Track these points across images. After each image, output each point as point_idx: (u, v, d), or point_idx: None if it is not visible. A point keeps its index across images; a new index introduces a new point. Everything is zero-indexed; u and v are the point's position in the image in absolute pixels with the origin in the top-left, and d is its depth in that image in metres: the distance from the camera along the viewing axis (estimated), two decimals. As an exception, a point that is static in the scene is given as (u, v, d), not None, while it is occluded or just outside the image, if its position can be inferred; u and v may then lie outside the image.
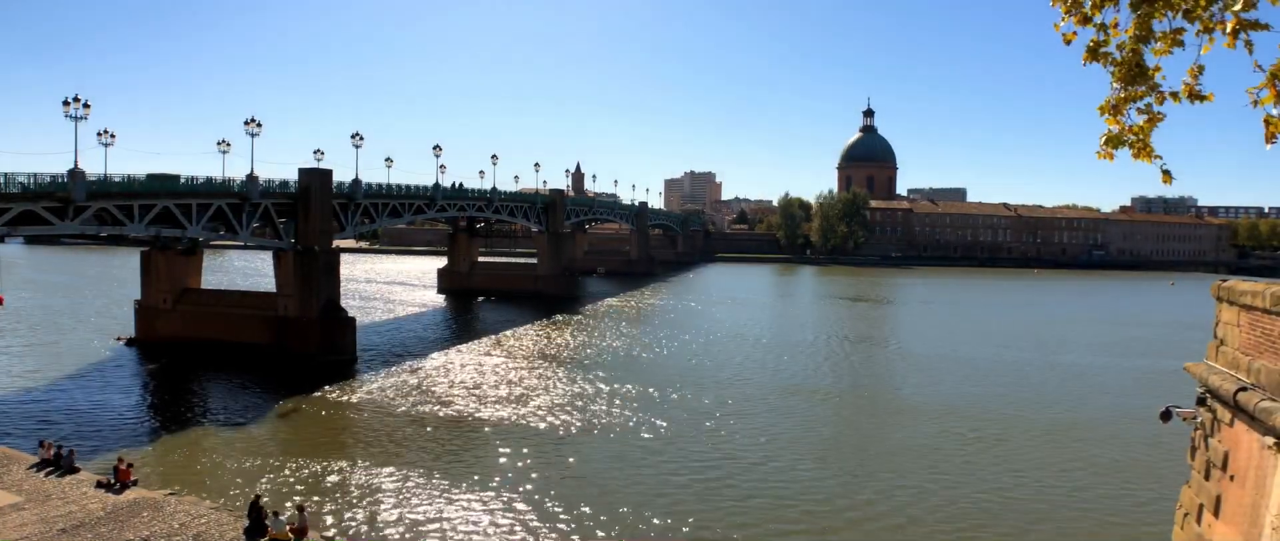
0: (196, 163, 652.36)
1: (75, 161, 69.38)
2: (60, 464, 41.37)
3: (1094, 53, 9.27)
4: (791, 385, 77.68)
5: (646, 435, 58.66)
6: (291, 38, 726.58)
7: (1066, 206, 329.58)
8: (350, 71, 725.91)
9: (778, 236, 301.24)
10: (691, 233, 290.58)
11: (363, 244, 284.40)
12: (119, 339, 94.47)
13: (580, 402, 68.03)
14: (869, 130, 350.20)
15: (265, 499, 37.25)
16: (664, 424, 61.40)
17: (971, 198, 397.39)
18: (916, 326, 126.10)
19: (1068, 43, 9.34)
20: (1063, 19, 9.34)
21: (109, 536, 33.45)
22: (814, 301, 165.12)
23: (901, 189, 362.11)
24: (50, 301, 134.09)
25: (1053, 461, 54.05)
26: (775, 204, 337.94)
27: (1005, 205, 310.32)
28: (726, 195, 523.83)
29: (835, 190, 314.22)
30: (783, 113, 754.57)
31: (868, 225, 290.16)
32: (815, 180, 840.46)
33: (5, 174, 65.13)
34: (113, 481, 39.21)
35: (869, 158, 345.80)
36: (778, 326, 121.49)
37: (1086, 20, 9.25)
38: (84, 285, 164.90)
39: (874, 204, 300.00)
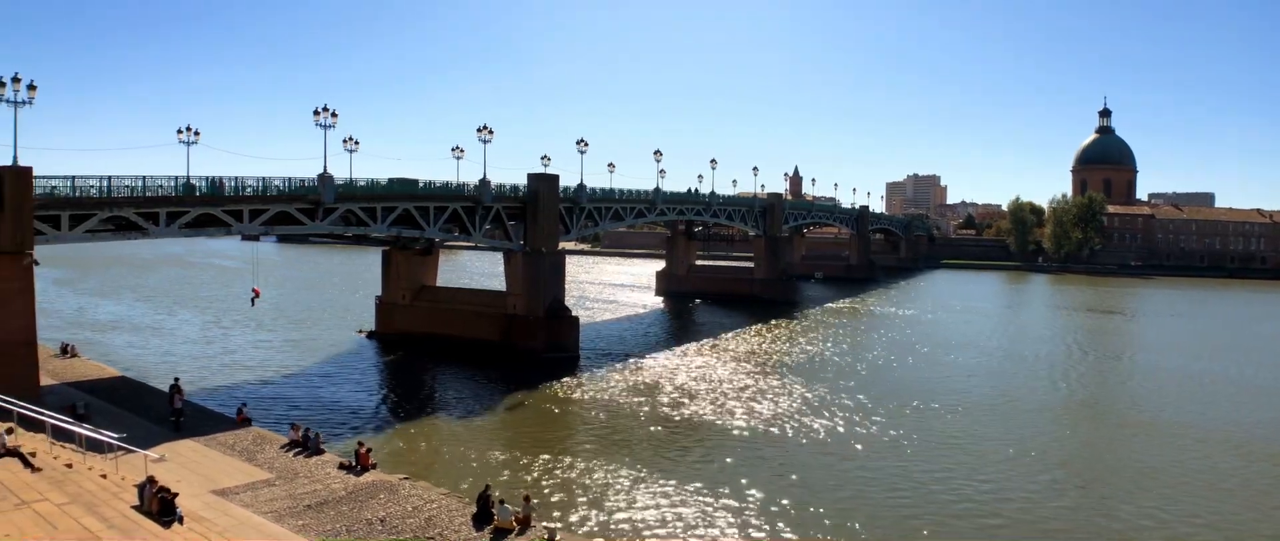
0: (432, 167, 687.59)
1: (324, 166, 74.31)
2: (308, 445, 44.05)
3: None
4: (1038, 402, 73.15)
5: (876, 447, 56.54)
6: (522, 44, 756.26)
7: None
8: (576, 74, 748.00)
9: (1007, 242, 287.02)
10: (915, 237, 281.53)
11: (584, 246, 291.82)
12: (361, 331, 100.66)
13: (801, 410, 66.59)
14: (1105, 131, 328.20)
15: (494, 489, 38.24)
16: (897, 437, 59.04)
17: (1220, 203, 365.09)
18: (1171, 341, 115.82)
19: None
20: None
21: (349, 515, 35.15)
22: (1051, 312, 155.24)
23: (1141, 193, 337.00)
24: (300, 296, 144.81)
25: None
26: (1004, 208, 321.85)
27: (1259, 211, 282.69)
28: (951, 199, 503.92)
29: (1069, 194, 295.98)
30: (1012, 112, 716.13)
31: (1104, 231, 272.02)
32: (1047, 183, 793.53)
33: (263, 178, 70.57)
34: (354, 463, 41.34)
35: (1105, 160, 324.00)
36: (1014, 338, 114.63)
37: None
38: (329, 282, 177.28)
39: (1111, 209, 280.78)
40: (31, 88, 55.50)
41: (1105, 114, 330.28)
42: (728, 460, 52.47)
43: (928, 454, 54.57)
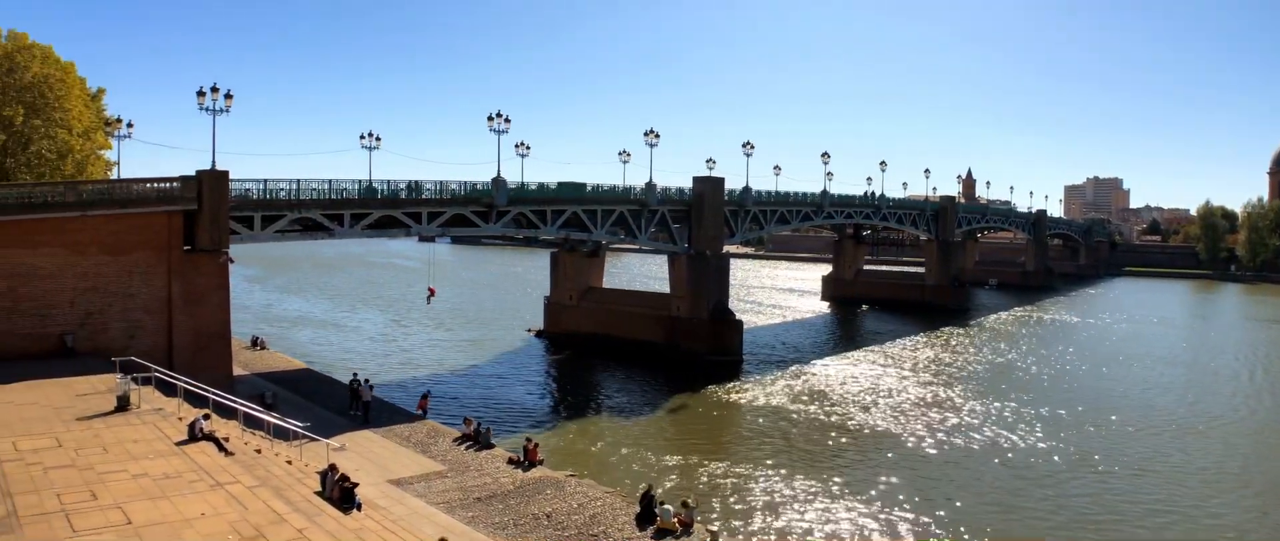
0: (599, 171, 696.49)
1: (498, 170, 76.33)
2: (479, 439, 45.23)
3: None
4: (1242, 421, 68.10)
5: (1068, 467, 53.51)
6: (689, 47, 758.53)
7: None
8: (742, 77, 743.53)
9: (1195, 249, 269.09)
10: (1095, 243, 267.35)
11: (748, 250, 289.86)
12: (530, 330, 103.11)
13: (979, 423, 63.83)
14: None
15: (657, 489, 38.26)
16: (1089, 456, 55.90)
17: None
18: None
19: None
20: None
21: (516, 509, 35.77)
22: (1248, 324, 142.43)
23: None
24: (473, 296, 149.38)
25: None
26: (1192, 213, 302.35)
27: None
28: (1135, 203, 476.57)
29: (1265, 198, 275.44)
30: (1200, 112, 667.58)
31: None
32: (1240, 187, 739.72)
33: (440, 182, 73.01)
34: (522, 459, 42.12)
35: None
36: (1209, 351, 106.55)
37: None
38: (500, 282, 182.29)
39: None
40: (228, 97, 59.20)
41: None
42: (897, 473, 50.80)
43: (1125, 476, 51.33)
